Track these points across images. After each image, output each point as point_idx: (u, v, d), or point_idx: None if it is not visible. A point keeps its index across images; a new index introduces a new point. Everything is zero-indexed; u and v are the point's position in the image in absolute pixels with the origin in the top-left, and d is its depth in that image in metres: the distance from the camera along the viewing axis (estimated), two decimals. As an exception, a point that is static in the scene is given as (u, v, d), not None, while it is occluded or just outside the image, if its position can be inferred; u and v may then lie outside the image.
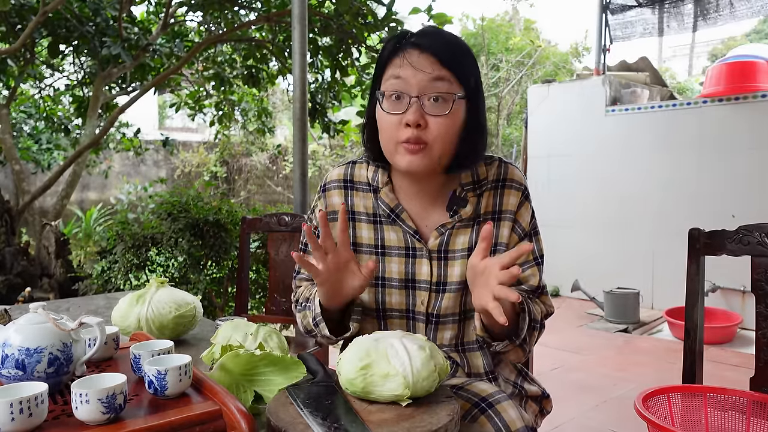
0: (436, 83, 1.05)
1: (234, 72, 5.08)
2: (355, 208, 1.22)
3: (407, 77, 1.05)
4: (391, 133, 1.08)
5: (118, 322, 1.33)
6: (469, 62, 1.10)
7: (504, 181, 1.17)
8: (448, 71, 1.06)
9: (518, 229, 1.17)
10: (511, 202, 1.17)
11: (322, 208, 1.24)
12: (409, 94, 1.05)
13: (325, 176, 1.28)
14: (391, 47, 1.10)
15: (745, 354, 3.59)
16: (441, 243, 1.15)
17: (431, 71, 1.04)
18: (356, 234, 1.21)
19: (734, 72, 4.47)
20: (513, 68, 10.63)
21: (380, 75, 1.11)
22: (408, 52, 1.06)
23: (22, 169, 4.76)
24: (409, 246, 1.17)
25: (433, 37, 1.08)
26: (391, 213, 1.17)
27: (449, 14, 3.63)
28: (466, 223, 1.16)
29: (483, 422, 1.01)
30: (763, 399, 1.26)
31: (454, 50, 1.08)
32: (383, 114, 1.09)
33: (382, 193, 1.18)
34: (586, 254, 4.98)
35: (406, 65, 1.05)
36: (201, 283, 3.14)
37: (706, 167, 4.36)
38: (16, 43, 3.79)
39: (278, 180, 10.19)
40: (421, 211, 1.18)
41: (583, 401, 2.89)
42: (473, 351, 1.20)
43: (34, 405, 0.76)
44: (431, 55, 1.05)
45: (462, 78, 1.07)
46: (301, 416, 0.84)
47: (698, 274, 1.41)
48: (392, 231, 1.18)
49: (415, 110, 1.04)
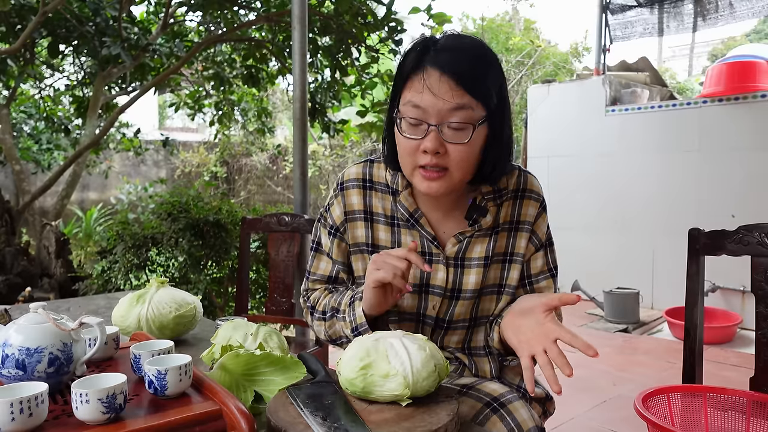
0: (456, 112, 1.00)
1: (234, 72, 5.08)
2: (373, 208, 1.20)
3: (426, 105, 1.00)
4: (409, 156, 1.05)
5: (118, 322, 1.33)
6: (493, 77, 1.04)
7: (524, 191, 1.16)
8: (470, 96, 1.00)
9: (535, 240, 1.17)
10: (530, 213, 1.16)
11: (340, 207, 1.22)
12: (427, 122, 1.01)
13: (341, 174, 1.25)
14: (412, 61, 1.03)
15: (745, 354, 3.59)
16: (459, 250, 1.14)
17: (451, 99, 0.99)
18: (374, 235, 1.19)
19: (734, 72, 4.47)
20: (513, 68, 10.63)
21: (400, 89, 1.06)
22: (428, 72, 1.00)
23: (23, 169, 4.76)
24: (426, 251, 1.15)
25: (455, 55, 1.01)
26: (411, 217, 1.15)
27: (448, 14, 3.64)
28: (485, 233, 1.15)
29: (495, 422, 1.01)
30: (763, 399, 1.26)
31: (477, 69, 1.02)
32: (401, 137, 1.05)
33: (401, 196, 1.16)
34: (586, 254, 4.98)
35: (425, 91, 1.00)
36: (201, 283, 3.14)
37: (706, 167, 4.36)
38: (16, 43, 3.79)
39: (278, 180, 10.19)
40: (440, 217, 1.16)
41: (583, 401, 2.89)
42: (480, 356, 1.20)
43: (35, 405, 0.75)
44: (451, 79, 0.99)
45: (485, 99, 1.02)
46: (301, 416, 0.84)
47: (698, 274, 1.41)
48: (409, 235, 1.17)
49: (433, 138, 1.00)
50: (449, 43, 1.03)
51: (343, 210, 1.21)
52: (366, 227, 1.20)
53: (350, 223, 1.20)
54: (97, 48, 3.90)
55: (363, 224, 1.20)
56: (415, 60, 1.03)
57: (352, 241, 1.21)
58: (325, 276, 1.25)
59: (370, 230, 1.19)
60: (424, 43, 1.04)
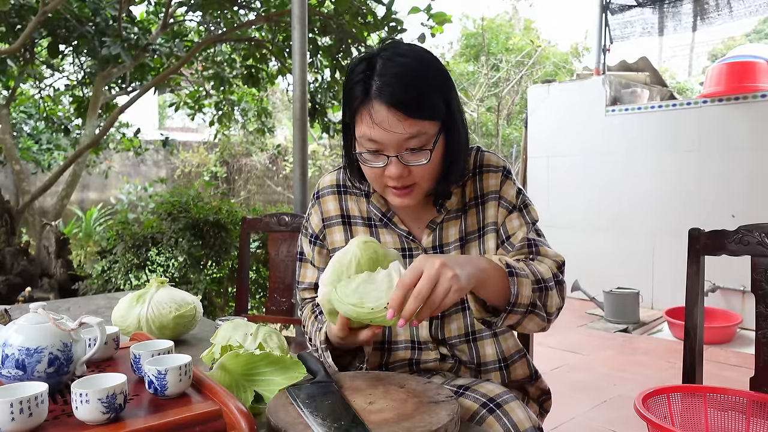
0: (411, 140, 1.02)
1: (234, 72, 5.08)
2: (350, 212, 1.24)
3: (380, 140, 1.02)
4: (376, 181, 1.10)
5: (118, 322, 1.33)
6: (437, 91, 1.04)
7: (481, 167, 1.20)
8: (420, 120, 1.01)
9: (504, 203, 1.18)
10: (492, 183, 1.19)
11: (318, 215, 1.26)
12: (385, 153, 1.04)
13: (318, 183, 1.29)
14: (358, 94, 1.03)
15: (745, 354, 3.59)
16: (434, 239, 1.18)
17: (403, 130, 1.00)
18: (354, 237, 1.20)
19: (734, 72, 4.47)
20: (513, 68, 10.63)
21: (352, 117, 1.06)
22: (375, 108, 1.01)
23: (22, 169, 4.76)
24: (406, 247, 1.20)
25: (396, 83, 1.00)
26: (383, 217, 1.20)
27: (448, 14, 3.64)
28: (455, 214, 1.18)
29: (491, 423, 1.01)
30: (763, 399, 1.26)
31: (421, 94, 1.02)
32: (364, 165, 1.09)
33: (373, 198, 1.21)
34: (586, 254, 4.98)
35: (376, 127, 1.01)
36: (201, 283, 3.14)
37: (706, 167, 4.36)
38: (16, 43, 3.79)
39: (278, 180, 10.19)
40: (411, 212, 1.20)
41: (583, 401, 2.89)
42: (484, 339, 1.20)
43: (34, 405, 0.75)
44: (399, 111, 1.00)
45: (436, 115, 1.04)
46: (301, 416, 0.84)
47: (698, 274, 1.41)
48: (388, 234, 1.21)
49: (395, 166, 1.04)
50: (388, 69, 1.02)
51: (320, 218, 1.26)
52: (344, 231, 1.24)
53: (328, 229, 1.25)
54: (97, 48, 3.90)
55: (341, 228, 1.24)
56: (361, 93, 1.03)
57: (331, 246, 1.25)
58: (312, 283, 1.29)
59: (348, 233, 1.23)
60: (365, 72, 1.03)
